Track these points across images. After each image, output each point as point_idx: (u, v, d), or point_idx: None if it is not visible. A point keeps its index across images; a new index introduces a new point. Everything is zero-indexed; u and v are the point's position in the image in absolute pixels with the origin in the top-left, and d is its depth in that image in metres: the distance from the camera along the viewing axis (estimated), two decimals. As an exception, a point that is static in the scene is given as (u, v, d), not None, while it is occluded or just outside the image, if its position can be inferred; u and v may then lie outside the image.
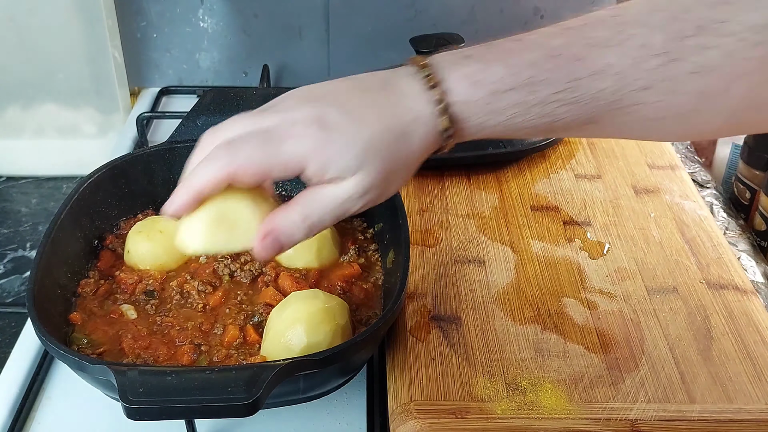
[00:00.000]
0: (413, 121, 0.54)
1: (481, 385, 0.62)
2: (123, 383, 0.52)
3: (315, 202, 0.54)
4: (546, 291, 0.72)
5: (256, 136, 0.52)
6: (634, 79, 0.53)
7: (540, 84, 0.53)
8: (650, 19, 0.53)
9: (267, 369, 0.53)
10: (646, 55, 0.52)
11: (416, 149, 0.55)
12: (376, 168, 0.53)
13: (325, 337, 0.62)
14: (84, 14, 1.01)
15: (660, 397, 0.62)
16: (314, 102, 0.54)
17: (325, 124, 0.52)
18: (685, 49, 0.52)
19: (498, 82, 0.53)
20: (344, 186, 0.53)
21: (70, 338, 0.65)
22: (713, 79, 0.52)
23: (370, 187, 0.54)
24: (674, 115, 0.54)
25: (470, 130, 0.55)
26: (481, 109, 0.54)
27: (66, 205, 0.71)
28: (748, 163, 0.94)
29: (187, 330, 0.66)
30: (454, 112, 0.54)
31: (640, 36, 0.53)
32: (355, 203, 0.54)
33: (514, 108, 0.54)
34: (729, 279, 0.74)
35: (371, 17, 1.14)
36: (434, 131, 0.55)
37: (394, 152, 0.54)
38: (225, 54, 1.17)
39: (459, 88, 0.54)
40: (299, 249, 0.72)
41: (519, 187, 0.88)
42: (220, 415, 0.58)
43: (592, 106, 0.54)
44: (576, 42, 0.54)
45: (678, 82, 0.52)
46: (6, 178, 1.05)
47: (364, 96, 0.55)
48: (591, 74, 0.53)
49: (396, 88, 0.55)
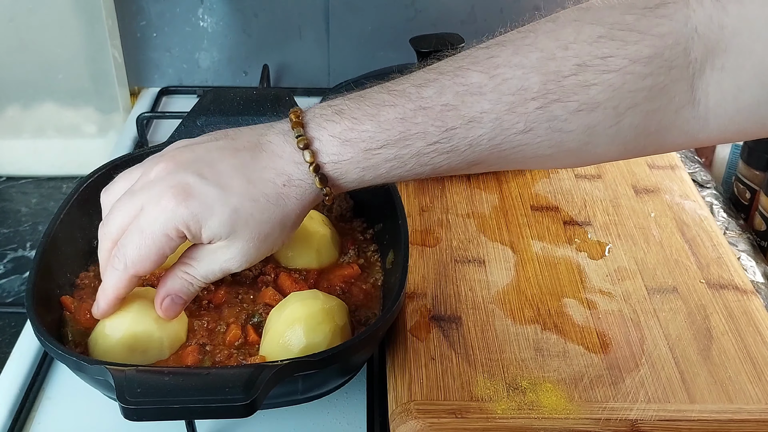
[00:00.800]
0: (286, 184, 0.55)
1: (481, 384, 0.62)
2: (121, 383, 0.52)
3: (198, 262, 0.58)
4: (546, 291, 0.72)
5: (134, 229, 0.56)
6: (512, 124, 0.52)
7: (413, 137, 0.53)
8: (526, 59, 0.52)
9: (265, 369, 0.53)
10: (523, 99, 0.51)
11: (292, 209, 0.56)
12: (248, 233, 0.55)
13: (324, 337, 0.62)
14: (84, 14, 1.01)
15: (660, 396, 0.62)
16: (182, 169, 0.55)
17: (191, 195, 0.54)
18: (565, 89, 0.51)
19: (369, 140, 0.54)
20: (221, 248, 0.57)
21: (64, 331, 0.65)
22: (599, 114, 0.51)
23: (245, 249, 0.56)
24: (564, 150, 0.54)
25: (348, 185, 0.56)
26: (355, 166, 0.55)
27: (66, 205, 0.71)
28: (748, 163, 0.94)
29: (193, 329, 0.66)
30: (327, 171, 0.55)
31: (516, 79, 0.51)
32: (235, 263, 0.58)
33: (390, 162, 0.54)
34: (729, 279, 0.74)
35: (371, 17, 1.14)
36: (309, 190, 0.56)
37: (266, 216, 0.55)
38: (225, 54, 1.17)
39: (329, 148, 0.54)
40: (299, 250, 0.72)
41: (519, 187, 0.87)
42: (218, 415, 0.58)
43: (471, 151, 0.53)
44: (448, 90, 0.53)
45: (562, 121, 0.52)
46: (6, 178, 1.05)
47: (235, 159, 0.56)
48: (466, 123, 0.52)
49: (268, 150, 0.56)
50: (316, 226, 0.73)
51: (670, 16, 0.51)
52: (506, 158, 0.54)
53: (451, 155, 0.54)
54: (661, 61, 0.51)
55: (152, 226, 0.55)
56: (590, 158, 0.57)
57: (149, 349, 0.62)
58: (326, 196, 0.56)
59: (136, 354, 0.62)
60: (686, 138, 0.54)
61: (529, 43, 0.53)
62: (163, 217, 0.54)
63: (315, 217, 0.74)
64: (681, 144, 0.56)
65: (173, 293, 0.60)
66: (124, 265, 0.57)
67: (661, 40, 0.50)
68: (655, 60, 0.50)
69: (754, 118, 0.52)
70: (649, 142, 0.55)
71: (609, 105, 0.51)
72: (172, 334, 0.63)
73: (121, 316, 0.62)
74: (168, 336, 0.63)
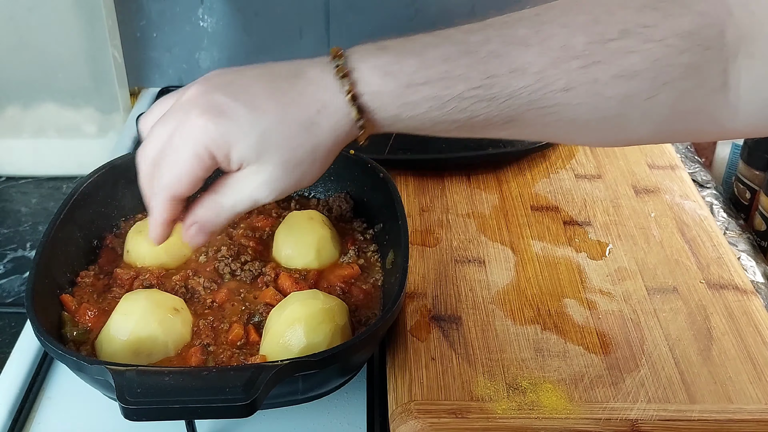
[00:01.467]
0: (320, 111, 0.54)
1: (482, 384, 0.62)
2: (121, 384, 0.52)
3: (227, 191, 0.56)
4: (546, 291, 0.72)
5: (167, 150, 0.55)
6: (554, 79, 0.52)
7: (455, 79, 0.53)
8: (572, 20, 0.52)
9: (265, 370, 0.53)
10: (567, 56, 0.51)
11: (324, 139, 0.55)
12: (277, 158, 0.54)
13: (324, 337, 0.62)
14: (84, 14, 1.01)
15: (660, 397, 0.62)
16: (214, 90, 0.54)
17: (222, 113, 0.53)
18: (608, 52, 0.51)
19: (411, 74, 0.53)
20: (249, 175, 0.55)
21: (64, 331, 0.65)
22: (637, 83, 0.51)
23: (274, 176, 0.55)
24: (599, 119, 0.54)
25: (384, 121, 0.55)
26: (394, 100, 0.54)
27: (66, 205, 0.71)
28: (748, 163, 0.94)
29: (198, 329, 0.66)
30: (365, 102, 0.54)
31: (561, 36, 0.52)
32: (264, 191, 0.55)
33: (430, 102, 0.53)
34: (729, 279, 0.74)
35: (371, 17, 1.14)
36: (344, 121, 0.54)
37: (297, 142, 0.54)
38: (225, 53, 1.17)
39: (370, 78, 0.53)
40: (299, 249, 0.72)
41: (519, 187, 0.87)
42: (218, 415, 0.58)
43: (510, 104, 0.53)
44: (494, 38, 0.53)
45: (601, 85, 0.52)
46: (6, 178, 1.05)
47: (271, 84, 0.55)
48: (509, 71, 0.52)
49: (306, 77, 0.55)
50: (316, 226, 0.73)
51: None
52: (543, 118, 0.54)
53: (491, 104, 0.53)
54: (699, 39, 0.51)
55: (184, 147, 0.54)
56: (622, 134, 0.56)
57: (154, 352, 0.63)
58: (361, 129, 0.55)
59: (142, 357, 0.62)
60: (715, 126, 0.54)
61: (576, 6, 0.53)
62: (194, 136, 0.53)
63: (315, 218, 0.74)
64: (710, 133, 0.56)
65: (200, 221, 0.57)
66: (161, 187, 0.55)
67: (701, 18, 0.51)
68: (693, 36, 0.51)
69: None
70: (679, 126, 0.55)
71: (647, 76, 0.51)
72: (177, 336, 0.64)
73: (125, 320, 0.63)
74: (173, 339, 0.63)
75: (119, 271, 0.71)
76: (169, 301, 0.65)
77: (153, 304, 0.64)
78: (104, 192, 0.76)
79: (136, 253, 0.73)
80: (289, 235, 0.73)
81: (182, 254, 0.74)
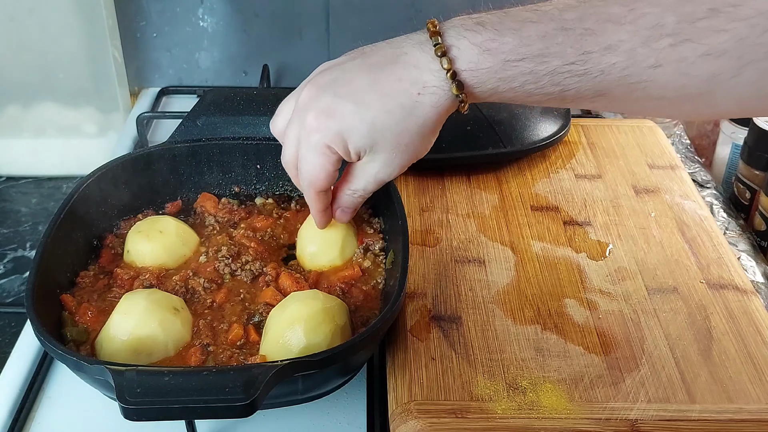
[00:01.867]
0: (422, 92, 0.58)
1: (482, 384, 0.62)
2: (120, 384, 0.52)
3: (355, 177, 0.65)
4: (546, 291, 0.72)
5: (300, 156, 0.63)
6: (644, 57, 0.53)
7: (551, 56, 0.55)
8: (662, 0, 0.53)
9: (265, 370, 0.53)
10: (658, 35, 0.53)
11: (428, 117, 0.59)
12: (388, 145, 0.60)
13: (324, 338, 0.61)
14: (84, 14, 1.01)
15: (660, 397, 0.62)
16: (321, 92, 0.61)
17: (332, 114, 0.60)
18: (697, 30, 0.52)
19: (509, 52, 0.56)
20: (368, 162, 0.63)
21: (64, 331, 0.65)
22: (724, 62, 0.52)
23: (389, 160, 0.62)
24: (685, 95, 0.55)
25: (482, 94, 0.58)
26: (492, 76, 0.57)
27: (66, 204, 0.71)
28: (748, 163, 0.94)
29: (198, 329, 0.66)
30: (464, 78, 0.57)
31: (653, 15, 0.53)
32: (386, 173, 0.63)
33: (525, 76, 0.56)
34: (729, 279, 0.74)
35: (371, 17, 1.14)
36: (445, 97, 0.58)
37: (402, 127, 0.59)
38: (225, 54, 1.17)
39: (469, 56, 0.56)
40: (324, 247, 0.72)
41: (519, 187, 0.87)
42: (218, 415, 0.58)
43: (601, 79, 0.55)
44: (589, 16, 0.55)
45: (689, 64, 0.53)
46: (6, 178, 1.05)
47: (371, 75, 0.60)
48: (602, 48, 0.54)
49: (404, 61, 0.59)
50: (340, 223, 0.73)
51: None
52: (631, 93, 0.55)
53: (583, 79, 0.55)
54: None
55: (309, 150, 0.62)
56: (706, 109, 0.58)
57: (154, 351, 0.63)
58: (462, 103, 0.58)
59: (142, 356, 0.62)
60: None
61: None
62: (314, 140, 0.61)
63: None
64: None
65: (342, 206, 0.69)
66: (306, 186, 0.65)
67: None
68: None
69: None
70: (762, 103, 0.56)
71: (734, 54, 0.52)
72: (177, 336, 0.64)
73: (125, 320, 0.63)
74: (173, 339, 0.63)
75: (119, 271, 0.71)
76: (169, 301, 0.65)
77: (153, 304, 0.64)
78: (104, 192, 0.76)
79: (136, 253, 0.73)
80: (314, 232, 0.73)
81: (182, 254, 0.74)
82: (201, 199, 0.81)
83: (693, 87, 0.54)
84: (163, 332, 0.63)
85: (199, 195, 0.81)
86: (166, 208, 0.80)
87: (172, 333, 0.63)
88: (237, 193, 0.83)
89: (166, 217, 0.77)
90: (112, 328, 0.63)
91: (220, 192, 0.83)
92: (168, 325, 0.63)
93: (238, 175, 0.83)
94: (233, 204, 0.81)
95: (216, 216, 0.79)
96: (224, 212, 0.80)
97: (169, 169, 0.81)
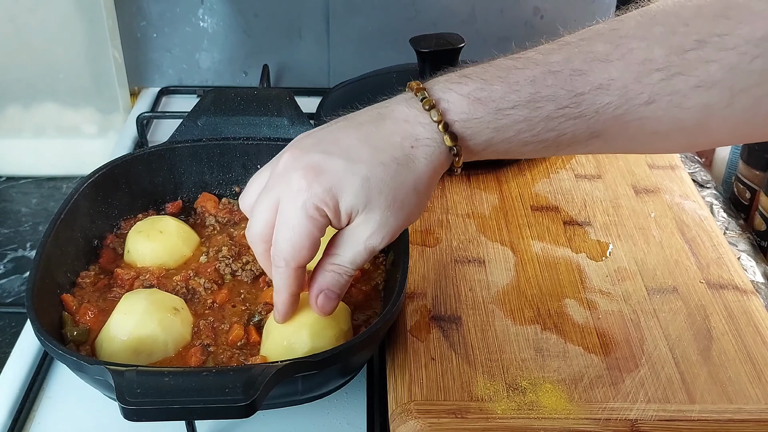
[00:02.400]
0: (415, 145, 0.55)
1: (481, 385, 0.62)
2: (120, 384, 0.52)
3: (343, 248, 0.57)
4: (546, 291, 0.72)
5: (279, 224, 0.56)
6: (637, 93, 0.52)
7: (543, 100, 0.53)
8: (649, 33, 0.53)
9: (265, 370, 0.53)
10: (648, 69, 0.52)
11: (423, 172, 0.55)
12: (383, 201, 0.55)
13: (329, 342, 0.61)
14: (84, 14, 1.01)
15: (660, 397, 0.62)
16: (307, 152, 0.55)
17: (321, 171, 0.54)
18: (687, 62, 0.51)
19: (500, 99, 0.54)
20: (360, 224, 0.56)
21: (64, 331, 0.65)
22: (716, 92, 0.52)
23: (384, 220, 0.56)
24: (680, 128, 0.54)
25: (477, 147, 0.56)
26: (486, 126, 0.54)
27: (66, 205, 0.71)
28: (748, 163, 0.94)
29: (198, 329, 0.66)
30: (457, 129, 0.55)
31: (641, 50, 0.52)
32: (378, 238, 0.56)
33: (520, 124, 0.54)
34: (729, 279, 0.74)
35: (371, 17, 1.14)
36: (439, 150, 0.55)
37: (399, 181, 0.55)
38: (225, 54, 1.17)
39: (459, 106, 0.54)
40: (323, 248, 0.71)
41: (519, 187, 0.87)
42: (218, 416, 0.58)
43: (596, 119, 0.54)
44: (576, 57, 0.54)
45: (682, 96, 0.52)
46: (6, 178, 1.05)
47: (359, 131, 0.56)
48: (594, 88, 0.53)
49: (392, 117, 0.56)
50: None
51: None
52: (626, 131, 0.54)
53: (578, 122, 0.54)
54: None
55: (294, 213, 0.55)
56: (702, 140, 0.57)
57: (154, 351, 0.63)
58: (456, 156, 0.55)
59: (142, 356, 0.62)
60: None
61: (650, 18, 0.54)
62: (301, 201, 0.54)
63: None
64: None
65: (325, 288, 0.59)
66: (284, 261, 0.57)
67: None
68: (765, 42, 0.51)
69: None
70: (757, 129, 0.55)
71: (725, 84, 0.51)
72: (177, 336, 0.64)
73: (125, 320, 0.63)
74: (173, 339, 0.63)
75: (119, 271, 0.71)
76: (169, 301, 0.65)
77: (153, 304, 0.64)
78: (104, 192, 0.76)
79: (136, 253, 0.73)
80: None
81: (183, 254, 0.74)
82: (201, 199, 0.81)
83: (687, 119, 0.53)
84: (163, 332, 0.63)
85: (200, 195, 0.82)
86: (166, 208, 0.81)
87: (172, 333, 0.63)
88: (237, 193, 0.83)
89: (167, 217, 0.77)
90: (112, 328, 0.63)
91: (221, 192, 0.83)
92: (168, 325, 0.63)
93: (238, 175, 0.83)
94: (234, 204, 0.81)
95: (216, 216, 0.79)
96: (225, 212, 0.80)
97: (170, 169, 0.81)
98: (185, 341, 0.64)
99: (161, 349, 0.63)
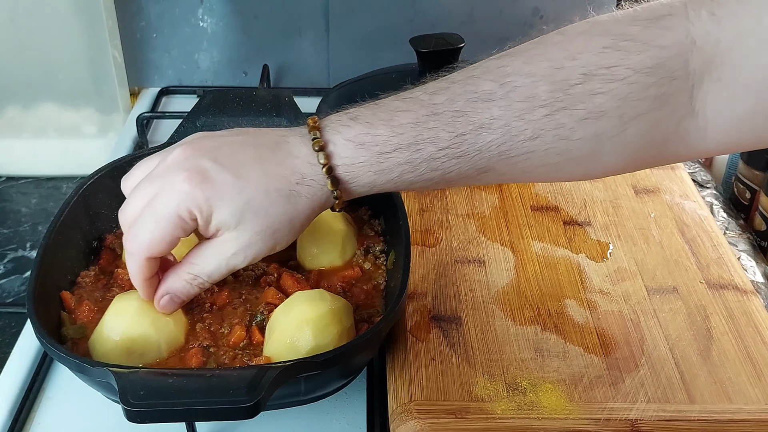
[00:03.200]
0: (300, 182, 0.56)
1: (481, 385, 0.62)
2: (123, 386, 0.52)
3: (204, 259, 0.59)
4: (546, 291, 0.72)
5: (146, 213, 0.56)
6: (520, 130, 0.53)
7: (424, 142, 0.54)
8: (536, 69, 0.53)
9: (269, 371, 0.53)
10: (532, 106, 0.53)
11: (302, 209, 0.57)
12: (257, 225, 0.56)
13: (332, 339, 0.61)
14: (84, 14, 1.01)
15: (660, 397, 0.62)
16: (200, 155, 0.56)
17: (208, 179, 0.55)
18: (571, 97, 0.52)
19: (383, 144, 0.55)
20: (228, 241, 0.57)
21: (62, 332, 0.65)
22: (605, 122, 0.52)
23: (250, 242, 0.57)
24: (571, 159, 0.55)
25: (360, 188, 0.57)
26: (368, 169, 0.56)
27: (66, 205, 0.71)
28: (748, 163, 0.94)
29: (194, 332, 0.66)
30: (340, 174, 0.56)
31: (525, 87, 0.53)
32: (241, 258, 0.58)
33: (402, 166, 0.55)
34: (729, 279, 0.74)
35: (371, 17, 1.14)
36: (321, 192, 0.57)
37: (277, 211, 0.56)
38: (225, 54, 1.17)
39: (343, 151, 0.56)
40: (324, 247, 0.72)
41: (519, 187, 0.88)
42: (222, 417, 0.58)
43: (480, 157, 0.55)
44: (459, 97, 0.54)
45: (568, 129, 0.53)
46: (6, 178, 1.05)
47: (256, 152, 0.57)
48: (476, 128, 0.54)
49: (286, 149, 0.57)
50: (339, 224, 0.73)
51: (671, 28, 0.52)
52: (514, 166, 0.55)
53: (461, 161, 0.55)
54: (664, 72, 0.52)
55: (165, 208, 0.55)
56: (597, 168, 0.57)
57: (147, 351, 0.62)
58: (336, 199, 0.58)
59: (134, 356, 0.62)
60: (688, 149, 0.56)
61: (539, 53, 0.54)
62: (177, 199, 0.55)
63: (337, 215, 0.74)
64: (683, 155, 0.57)
65: (173, 292, 0.61)
66: (137, 248, 0.57)
67: (664, 51, 0.52)
68: (658, 70, 0.52)
69: (749, 129, 0.54)
70: (653, 153, 0.56)
71: (615, 114, 0.52)
72: (170, 337, 0.63)
73: (118, 320, 0.62)
74: (166, 339, 0.63)
75: (119, 271, 0.71)
76: None
77: (146, 305, 0.63)
78: (104, 193, 0.76)
79: (136, 254, 0.73)
80: (314, 233, 0.73)
81: (182, 255, 0.73)
82: (201, 199, 0.81)
83: (576, 150, 0.54)
84: (156, 333, 0.62)
85: None
86: (166, 208, 0.80)
87: (165, 333, 0.63)
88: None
89: (167, 217, 0.77)
90: (105, 328, 0.63)
91: (221, 192, 0.83)
92: (161, 326, 0.63)
93: (238, 175, 0.82)
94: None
95: (216, 216, 0.79)
96: (224, 212, 0.79)
97: (170, 170, 0.81)
98: (179, 342, 0.64)
99: (154, 349, 0.62)
